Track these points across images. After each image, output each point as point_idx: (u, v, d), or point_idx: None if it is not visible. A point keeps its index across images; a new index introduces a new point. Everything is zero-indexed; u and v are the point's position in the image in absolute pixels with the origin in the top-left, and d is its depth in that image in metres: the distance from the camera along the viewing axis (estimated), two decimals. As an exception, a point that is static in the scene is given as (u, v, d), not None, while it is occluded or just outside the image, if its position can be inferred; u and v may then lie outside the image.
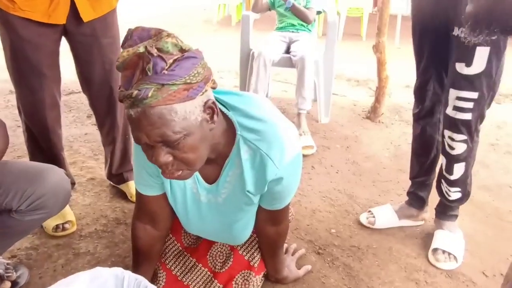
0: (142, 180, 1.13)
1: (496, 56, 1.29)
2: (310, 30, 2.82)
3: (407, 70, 1.61)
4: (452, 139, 1.42)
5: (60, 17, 1.42)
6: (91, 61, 1.54)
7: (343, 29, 5.59)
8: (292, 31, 2.79)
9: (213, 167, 1.07)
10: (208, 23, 6.46)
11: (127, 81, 0.82)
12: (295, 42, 2.68)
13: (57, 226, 1.57)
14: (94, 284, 0.90)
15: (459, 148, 1.42)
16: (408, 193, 1.74)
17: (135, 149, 1.11)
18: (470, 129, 1.39)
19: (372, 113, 2.82)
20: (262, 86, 2.51)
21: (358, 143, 2.49)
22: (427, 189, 1.69)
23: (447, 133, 1.43)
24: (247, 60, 2.73)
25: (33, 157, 1.65)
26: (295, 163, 1.06)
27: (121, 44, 0.85)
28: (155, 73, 0.79)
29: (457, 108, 1.37)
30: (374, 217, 1.70)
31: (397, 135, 2.61)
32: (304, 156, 2.28)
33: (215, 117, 0.91)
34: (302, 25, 2.79)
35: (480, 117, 1.40)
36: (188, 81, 0.82)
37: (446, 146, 1.45)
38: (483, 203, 1.91)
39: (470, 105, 1.36)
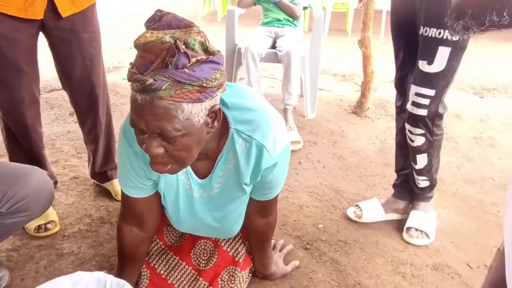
0: (130, 183, 1.10)
1: (456, 56, 1.35)
2: (295, 25, 2.81)
3: (393, 65, 1.62)
4: (411, 133, 1.50)
5: (38, 12, 1.37)
6: (71, 57, 1.50)
7: (329, 24, 5.60)
8: (278, 26, 2.77)
9: (205, 162, 1.06)
10: (193, 19, 6.39)
11: (143, 65, 0.79)
12: (281, 37, 2.67)
13: (39, 227, 1.53)
14: None
15: (418, 141, 1.50)
16: (394, 186, 1.76)
17: (122, 151, 1.07)
18: (426, 124, 1.46)
19: (358, 108, 2.83)
20: (256, 80, 2.51)
21: (345, 138, 2.49)
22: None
23: (407, 126, 1.51)
24: (232, 55, 2.71)
25: (12, 156, 1.60)
26: (285, 153, 1.09)
27: (146, 21, 0.82)
28: (175, 68, 0.78)
29: (415, 104, 1.45)
30: (361, 210, 1.71)
31: (383, 129, 2.63)
32: (291, 151, 2.27)
33: (215, 123, 0.91)
34: (287, 20, 2.78)
35: (437, 114, 1.46)
36: (204, 84, 0.81)
37: (407, 138, 1.54)
38: (467, 196, 1.93)
39: (426, 101, 1.42)
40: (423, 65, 1.38)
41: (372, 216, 1.71)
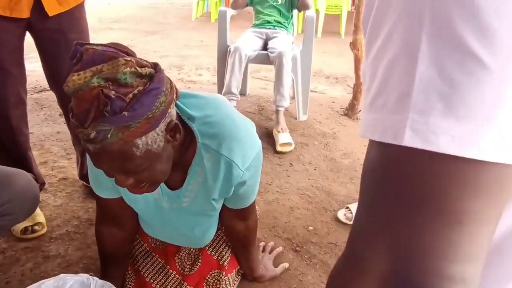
0: (100, 183, 1.08)
1: None
2: (287, 27, 2.81)
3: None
4: None
5: (24, 11, 1.35)
6: (58, 58, 1.48)
7: (322, 26, 5.61)
8: (269, 28, 2.77)
9: (177, 174, 1.03)
10: (187, 20, 6.39)
11: (81, 115, 0.74)
12: (273, 39, 2.66)
13: (26, 229, 1.51)
14: None
15: None
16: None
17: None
18: None
19: (350, 110, 2.83)
20: (236, 83, 2.47)
21: (336, 140, 2.49)
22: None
23: None
24: (224, 57, 2.70)
25: (-3, 158, 1.58)
26: (257, 162, 1.05)
27: (69, 57, 0.76)
28: (113, 114, 0.72)
29: None
30: (351, 213, 1.71)
31: (375, 131, 2.63)
32: (282, 153, 2.28)
33: (177, 135, 0.88)
34: (279, 22, 2.78)
35: None
36: (150, 115, 0.76)
37: None
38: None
39: None
40: None
41: (362, 218, 1.70)
